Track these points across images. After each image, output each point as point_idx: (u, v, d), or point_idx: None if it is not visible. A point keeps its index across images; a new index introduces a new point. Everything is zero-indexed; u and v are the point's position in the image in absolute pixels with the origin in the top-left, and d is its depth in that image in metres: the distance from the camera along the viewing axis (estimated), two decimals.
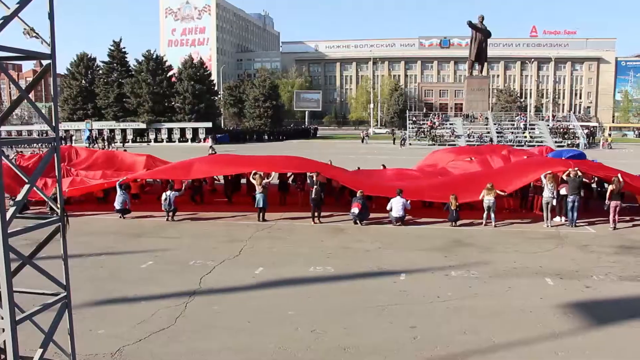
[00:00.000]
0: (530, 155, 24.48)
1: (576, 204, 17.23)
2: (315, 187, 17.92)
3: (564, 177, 17.64)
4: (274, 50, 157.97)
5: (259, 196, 17.88)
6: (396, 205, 17.11)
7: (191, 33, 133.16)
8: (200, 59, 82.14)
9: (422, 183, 20.40)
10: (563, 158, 21.27)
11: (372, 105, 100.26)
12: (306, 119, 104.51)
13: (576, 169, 17.46)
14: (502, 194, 17.83)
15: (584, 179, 18.14)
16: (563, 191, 17.50)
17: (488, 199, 17.22)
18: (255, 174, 18.33)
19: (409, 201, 17.45)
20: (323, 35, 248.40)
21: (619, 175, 17.24)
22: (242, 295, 10.71)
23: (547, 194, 17.32)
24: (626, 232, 16.86)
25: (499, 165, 22.08)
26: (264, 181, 18.16)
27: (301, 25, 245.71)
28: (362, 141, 65.24)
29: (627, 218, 18.36)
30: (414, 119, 72.22)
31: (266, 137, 72.36)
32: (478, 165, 23.24)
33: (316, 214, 17.78)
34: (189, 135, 66.82)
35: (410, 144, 62.90)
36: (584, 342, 8.58)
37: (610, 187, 17.13)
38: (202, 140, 64.94)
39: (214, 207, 20.28)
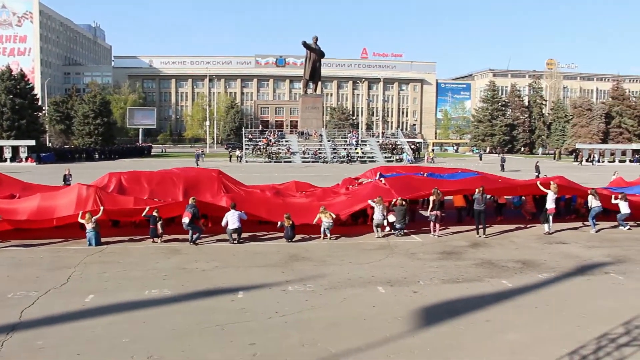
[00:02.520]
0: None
1: (402, 232, 18.67)
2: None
3: (391, 207, 18.90)
4: (106, 64, 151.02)
5: (90, 235, 16.59)
6: (232, 218, 17.04)
7: (9, 41, 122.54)
8: (21, 70, 76.13)
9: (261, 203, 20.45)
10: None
11: (208, 123, 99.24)
12: (140, 137, 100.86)
13: (400, 198, 18.81)
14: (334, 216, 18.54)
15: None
16: (391, 218, 18.66)
17: (327, 221, 17.84)
18: (85, 213, 16.80)
19: (243, 211, 17.50)
20: (158, 50, 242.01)
21: (436, 188, 18.76)
22: (70, 326, 9.87)
23: (377, 215, 18.39)
24: (447, 239, 18.35)
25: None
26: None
27: (135, 39, 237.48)
28: (198, 159, 64.21)
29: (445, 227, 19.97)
30: (250, 136, 72.72)
31: (97, 155, 68.34)
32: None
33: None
34: (7, 154, 60.78)
35: (246, 161, 63.20)
36: (413, 343, 9.17)
37: (431, 199, 18.57)
38: (22, 159, 59.81)
39: (38, 232, 18.13)
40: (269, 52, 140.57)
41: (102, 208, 17.08)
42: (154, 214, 17.13)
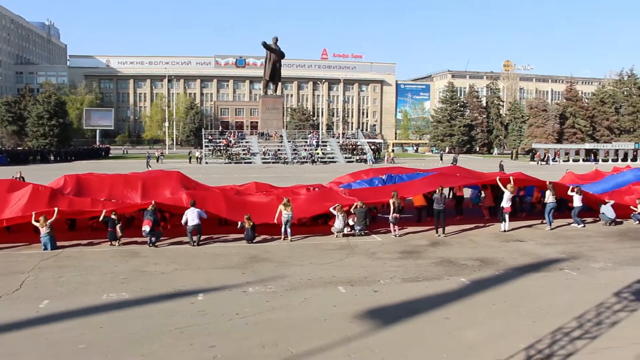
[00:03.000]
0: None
1: (363, 232, 18.78)
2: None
3: (352, 210, 18.96)
4: (61, 63, 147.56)
5: (44, 239, 16.10)
6: (191, 215, 16.86)
7: None
8: None
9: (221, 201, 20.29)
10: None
11: (167, 124, 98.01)
12: (97, 138, 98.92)
13: (361, 202, 18.90)
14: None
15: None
16: (351, 222, 18.76)
17: (286, 213, 17.77)
18: (39, 214, 16.25)
19: (203, 210, 17.34)
20: (115, 50, 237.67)
21: (396, 192, 18.97)
22: (23, 334, 9.54)
23: (337, 223, 18.51)
24: (407, 238, 18.57)
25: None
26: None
27: (91, 38, 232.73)
28: (158, 160, 63.44)
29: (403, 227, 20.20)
30: (210, 137, 72.13)
31: (52, 157, 66.70)
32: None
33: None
34: None
35: (207, 162, 62.70)
36: (374, 342, 9.23)
37: (391, 202, 18.76)
38: None
39: None
40: (228, 52, 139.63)
41: (56, 209, 16.63)
42: (112, 216, 16.83)
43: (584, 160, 76.65)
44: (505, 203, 19.85)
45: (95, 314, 10.57)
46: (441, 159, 71.76)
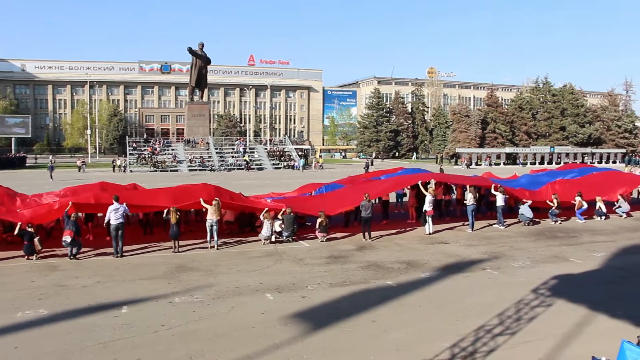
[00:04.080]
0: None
1: (291, 239, 18.76)
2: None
3: (280, 215, 18.89)
4: None
5: None
6: (115, 214, 16.18)
7: None
8: None
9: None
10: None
11: (89, 132, 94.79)
12: (13, 147, 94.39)
13: (290, 208, 18.92)
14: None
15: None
16: (277, 228, 18.70)
17: (211, 219, 17.50)
18: None
19: (125, 204, 16.74)
20: (31, 54, 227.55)
21: (323, 211, 19.09)
22: None
23: (265, 231, 18.47)
24: (334, 243, 18.72)
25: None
26: None
27: (5, 41, 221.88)
28: (79, 170, 61.25)
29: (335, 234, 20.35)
30: (134, 145, 70.38)
31: None
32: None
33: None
34: None
35: (131, 171, 61.10)
36: (302, 348, 9.22)
37: (318, 220, 18.91)
38: None
39: None
40: (153, 58, 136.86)
41: None
42: (29, 229, 16.04)
43: (504, 163, 79.72)
44: (428, 206, 20.36)
45: (8, 334, 9.96)
46: (372, 164, 72.82)
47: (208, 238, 17.69)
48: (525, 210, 22.66)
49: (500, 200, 21.95)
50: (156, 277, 14.10)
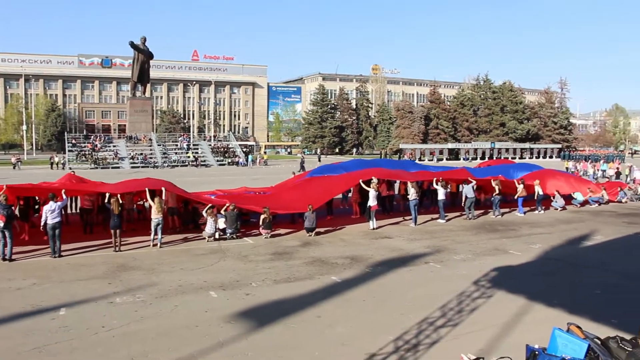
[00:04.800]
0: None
1: (235, 236, 18.58)
2: None
3: (222, 211, 18.70)
4: None
5: None
6: (51, 213, 15.55)
7: None
8: None
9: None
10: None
11: (25, 127, 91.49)
12: None
13: (234, 204, 18.73)
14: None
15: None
16: (221, 225, 18.51)
17: (157, 217, 17.15)
18: None
19: (61, 202, 16.18)
20: None
21: (267, 207, 19.13)
22: None
23: (208, 228, 18.24)
24: (279, 240, 18.68)
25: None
26: None
27: None
28: (14, 167, 59.10)
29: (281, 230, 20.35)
30: (74, 141, 68.41)
31: None
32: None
33: None
34: None
35: (70, 168, 59.33)
36: (247, 346, 9.13)
37: (262, 217, 18.86)
38: None
39: None
40: (93, 52, 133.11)
41: None
42: None
43: (447, 159, 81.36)
44: (372, 201, 20.55)
45: None
46: (319, 160, 73.08)
47: (152, 236, 17.32)
48: (467, 190, 23.17)
49: (441, 195, 22.40)
50: (96, 277, 13.71)
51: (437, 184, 22.56)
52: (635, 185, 32.54)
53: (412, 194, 21.57)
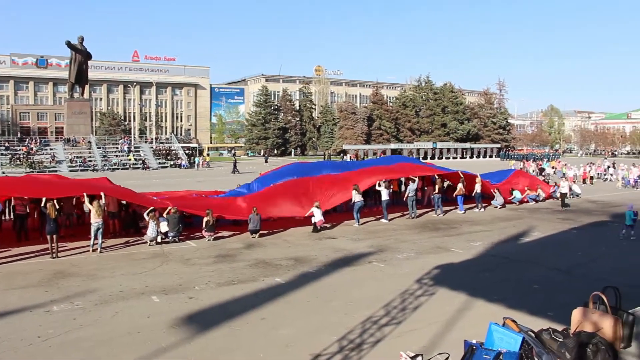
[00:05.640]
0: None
1: (177, 239, 18.30)
2: None
3: (165, 214, 18.39)
4: None
5: None
6: None
7: None
8: None
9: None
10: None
11: None
12: None
13: (175, 207, 18.45)
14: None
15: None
16: (163, 228, 18.15)
17: (96, 222, 16.66)
18: None
19: None
20: None
21: (210, 210, 18.85)
22: None
23: (150, 232, 17.85)
24: (222, 242, 18.55)
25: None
26: None
27: None
28: None
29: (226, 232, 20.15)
30: (7, 144, 65.89)
31: None
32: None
33: None
34: None
35: (3, 172, 57.09)
36: (190, 350, 9.03)
37: (205, 219, 18.61)
38: None
39: None
40: (27, 51, 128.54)
41: None
42: None
43: None
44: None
45: None
46: (266, 162, 72.79)
47: (91, 241, 16.80)
48: (411, 188, 23.78)
49: (385, 195, 22.71)
50: (31, 285, 13.21)
51: (379, 186, 22.85)
52: (569, 182, 33.71)
53: (355, 195, 21.76)
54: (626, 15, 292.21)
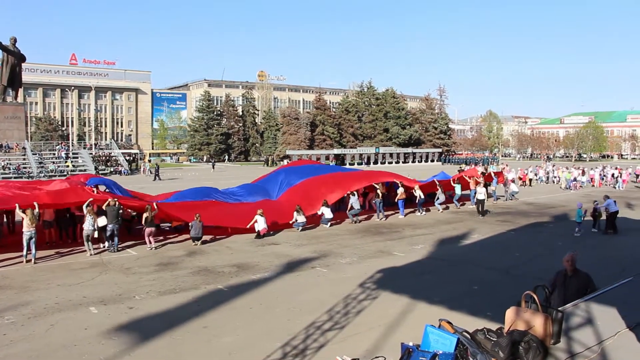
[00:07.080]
0: None
1: (115, 232, 17.81)
2: None
3: (104, 207, 17.84)
4: None
5: None
6: None
7: None
8: None
9: None
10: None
11: None
12: None
13: (116, 200, 17.95)
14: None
15: None
16: (102, 222, 17.65)
17: (29, 231, 16.00)
18: None
19: None
20: None
21: (149, 205, 18.56)
22: None
23: (87, 225, 17.24)
24: (164, 250, 18.21)
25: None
26: None
27: None
28: None
29: (161, 237, 19.91)
30: None
31: None
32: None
33: None
34: None
35: None
36: None
37: (144, 215, 18.18)
38: None
39: None
40: None
41: None
42: None
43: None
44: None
45: None
46: (213, 168, 72.01)
47: (24, 252, 16.14)
48: (354, 201, 24.09)
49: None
50: None
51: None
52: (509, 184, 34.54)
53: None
54: (558, 24, 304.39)
